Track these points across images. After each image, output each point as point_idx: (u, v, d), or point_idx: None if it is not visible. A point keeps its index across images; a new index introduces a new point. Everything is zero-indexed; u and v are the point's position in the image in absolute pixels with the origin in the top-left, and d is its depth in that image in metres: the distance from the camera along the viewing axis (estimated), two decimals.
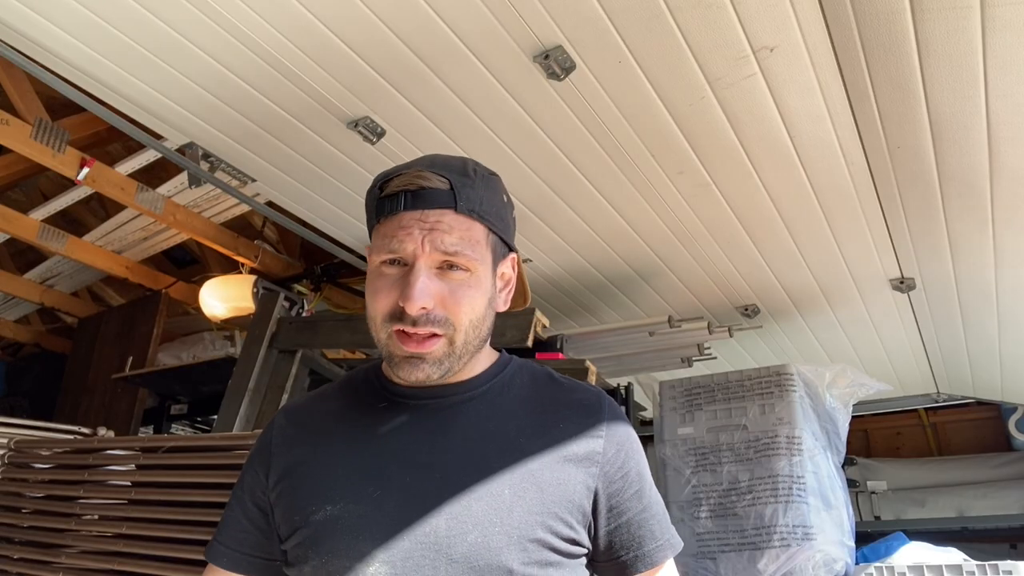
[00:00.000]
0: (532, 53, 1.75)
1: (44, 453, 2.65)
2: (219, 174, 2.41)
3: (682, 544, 1.02)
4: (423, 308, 0.90)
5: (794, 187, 2.24)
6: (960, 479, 4.16)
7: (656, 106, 1.92)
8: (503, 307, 1.03)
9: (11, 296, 4.30)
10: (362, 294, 3.73)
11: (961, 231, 2.40)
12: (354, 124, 2.06)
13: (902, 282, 2.75)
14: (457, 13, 1.65)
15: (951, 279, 2.71)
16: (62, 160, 2.75)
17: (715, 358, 3.24)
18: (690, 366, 3.17)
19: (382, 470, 0.93)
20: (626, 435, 1.01)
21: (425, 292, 0.90)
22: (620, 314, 3.26)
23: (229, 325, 3.91)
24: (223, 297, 3.56)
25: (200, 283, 3.71)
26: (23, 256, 4.27)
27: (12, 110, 2.65)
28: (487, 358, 1.03)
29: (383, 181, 0.98)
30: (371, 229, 1.00)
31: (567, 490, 0.93)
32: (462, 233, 0.93)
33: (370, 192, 1.01)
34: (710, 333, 2.97)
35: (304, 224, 2.81)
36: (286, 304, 3.46)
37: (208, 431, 4.40)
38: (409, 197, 0.94)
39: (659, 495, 1.03)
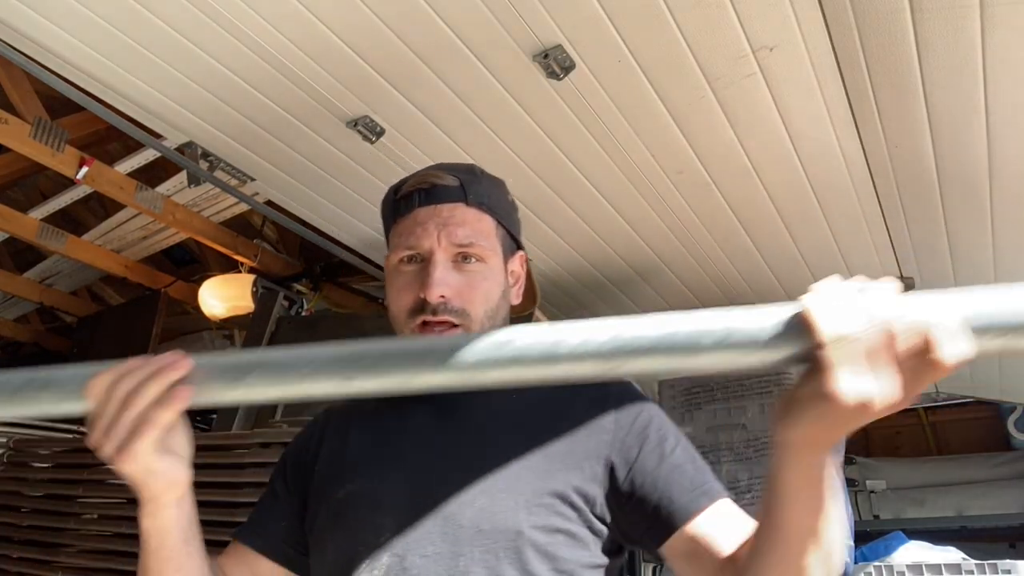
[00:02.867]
0: (532, 52, 1.75)
1: (43, 452, 2.65)
2: (218, 173, 2.41)
3: (723, 490, 0.92)
4: (441, 297, 0.95)
5: (794, 187, 2.24)
6: (959, 478, 4.16)
7: (656, 106, 1.92)
8: (516, 300, 1.07)
9: (10, 295, 4.29)
10: (361, 293, 3.75)
11: (961, 231, 2.40)
12: (353, 123, 2.06)
13: (902, 282, 2.75)
14: (457, 12, 1.65)
15: (951, 279, 2.71)
16: (61, 159, 2.74)
17: None
18: None
19: (399, 452, 0.98)
20: (637, 399, 1.00)
21: (443, 281, 0.95)
22: (619, 313, 3.26)
23: (229, 324, 3.91)
24: (222, 296, 3.56)
25: (199, 282, 3.71)
26: (22, 255, 4.26)
27: (11, 109, 2.64)
28: None
29: (397, 186, 1.04)
30: (388, 234, 1.06)
31: (577, 459, 0.93)
32: (474, 225, 0.99)
33: (385, 200, 1.07)
34: None
35: (303, 223, 2.80)
36: (285, 303, 3.47)
37: (207, 431, 4.39)
38: (423, 194, 1.00)
39: (694, 453, 0.96)
